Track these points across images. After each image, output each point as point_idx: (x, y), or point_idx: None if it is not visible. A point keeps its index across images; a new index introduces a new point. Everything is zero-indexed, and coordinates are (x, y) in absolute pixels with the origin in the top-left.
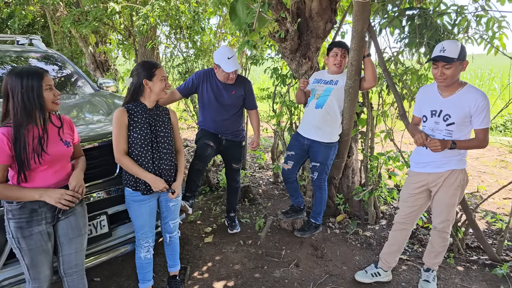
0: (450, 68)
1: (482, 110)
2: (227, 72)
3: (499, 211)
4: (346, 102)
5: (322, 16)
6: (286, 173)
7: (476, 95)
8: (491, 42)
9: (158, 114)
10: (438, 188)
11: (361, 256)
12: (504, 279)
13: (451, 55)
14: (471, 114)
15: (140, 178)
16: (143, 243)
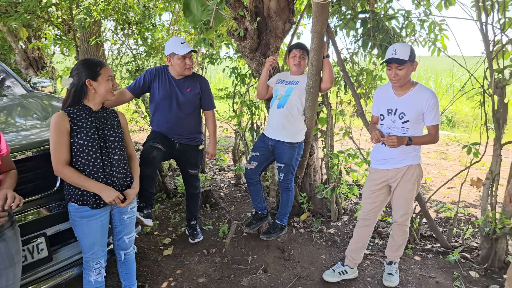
0: (402, 69)
1: (432, 108)
2: (182, 56)
3: (445, 200)
4: (308, 102)
5: (280, 16)
6: (249, 173)
7: (427, 94)
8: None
9: (105, 117)
10: (397, 183)
11: (327, 254)
12: (456, 265)
13: (403, 57)
14: (423, 111)
15: (88, 190)
16: (93, 264)
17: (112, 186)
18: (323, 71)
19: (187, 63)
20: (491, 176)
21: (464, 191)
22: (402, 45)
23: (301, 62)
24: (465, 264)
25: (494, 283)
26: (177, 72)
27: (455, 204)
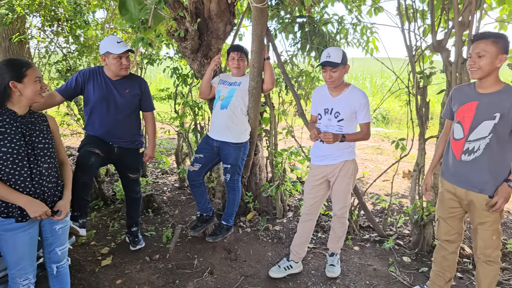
0: (336, 71)
1: (364, 106)
2: (118, 56)
3: (381, 192)
4: (251, 102)
5: (221, 17)
6: (192, 175)
7: (359, 94)
8: (366, 46)
9: (32, 121)
10: (335, 178)
11: (273, 251)
12: (391, 252)
13: (336, 60)
14: (356, 110)
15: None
16: (20, 281)
17: (43, 197)
18: (264, 73)
19: (123, 63)
20: (418, 168)
21: (397, 183)
22: (335, 49)
23: (240, 64)
24: (399, 250)
25: (423, 265)
26: (112, 72)
27: (389, 196)
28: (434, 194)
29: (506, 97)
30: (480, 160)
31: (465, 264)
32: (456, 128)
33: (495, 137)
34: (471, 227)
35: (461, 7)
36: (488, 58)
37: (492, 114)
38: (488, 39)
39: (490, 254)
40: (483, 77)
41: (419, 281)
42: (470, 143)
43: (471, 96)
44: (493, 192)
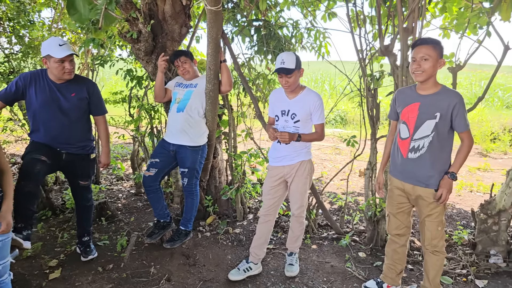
0: (291, 76)
1: (318, 108)
2: (60, 60)
3: (338, 191)
4: (208, 105)
5: (176, 19)
6: (148, 180)
7: (314, 96)
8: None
9: None
10: (292, 178)
11: (233, 254)
12: (347, 248)
13: (290, 66)
14: (311, 112)
15: None
16: None
17: None
18: (221, 75)
19: (66, 67)
20: (370, 166)
21: (354, 182)
22: (288, 55)
23: (186, 68)
24: (355, 246)
25: (378, 259)
26: (55, 76)
27: (345, 194)
28: (386, 191)
29: (443, 98)
30: (424, 157)
31: (415, 256)
32: (402, 128)
33: (436, 135)
34: (419, 221)
35: (405, 14)
36: (431, 61)
37: (433, 114)
38: (430, 44)
39: (437, 244)
40: (426, 79)
41: (374, 275)
42: (415, 141)
43: (413, 97)
44: (437, 186)
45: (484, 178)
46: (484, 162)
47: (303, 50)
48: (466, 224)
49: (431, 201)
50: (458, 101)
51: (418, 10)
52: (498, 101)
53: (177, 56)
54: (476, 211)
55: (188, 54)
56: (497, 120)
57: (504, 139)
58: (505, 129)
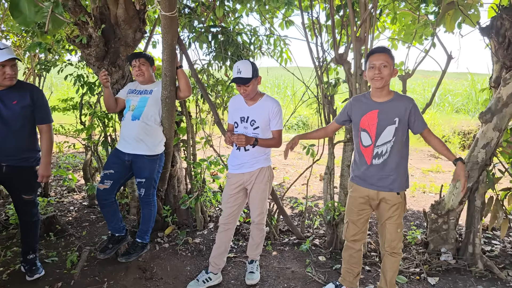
0: (249, 85)
1: (276, 114)
2: (0, 64)
3: (300, 196)
4: (164, 112)
5: (130, 24)
6: (102, 194)
7: (272, 103)
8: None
9: None
10: (252, 185)
11: (192, 265)
12: (308, 253)
13: (247, 75)
14: (270, 118)
15: None
16: None
17: None
18: (178, 81)
19: (6, 72)
20: (329, 171)
21: (316, 186)
22: (244, 64)
23: (143, 69)
24: (315, 250)
25: (337, 263)
26: None
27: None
28: (343, 194)
29: (399, 103)
30: (388, 161)
31: (372, 257)
32: (364, 136)
33: (397, 139)
34: (378, 225)
35: (358, 24)
36: (389, 68)
37: (392, 119)
38: (387, 53)
39: (395, 246)
40: (383, 86)
41: (333, 278)
42: (378, 147)
43: (370, 105)
44: (399, 189)
45: (436, 179)
46: (436, 164)
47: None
48: (419, 224)
49: (392, 204)
50: (413, 105)
51: (370, 21)
52: (449, 106)
53: (137, 56)
54: (427, 212)
55: (150, 58)
56: (447, 123)
57: (454, 142)
58: (455, 132)
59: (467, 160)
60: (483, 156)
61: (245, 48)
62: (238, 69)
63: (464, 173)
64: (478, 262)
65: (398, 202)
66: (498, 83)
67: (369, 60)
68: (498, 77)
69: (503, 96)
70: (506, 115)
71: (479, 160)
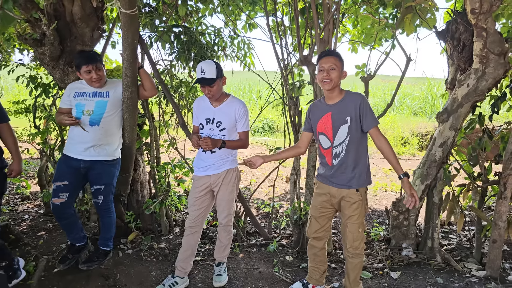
0: (214, 86)
1: (243, 116)
2: None
3: (267, 197)
4: (126, 114)
5: (87, 22)
6: (59, 208)
7: (238, 104)
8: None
9: None
10: (219, 187)
11: (157, 270)
12: (275, 253)
13: (211, 76)
14: (236, 119)
15: None
16: None
17: None
18: (142, 81)
19: None
20: (295, 172)
21: (282, 187)
22: (208, 64)
23: (101, 75)
24: (282, 250)
25: (304, 261)
26: None
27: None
28: (309, 194)
29: (349, 102)
30: (344, 160)
31: (338, 255)
32: (322, 139)
33: (351, 137)
34: (341, 225)
35: (321, 27)
36: (337, 71)
37: (344, 119)
38: (335, 56)
39: (358, 246)
40: (333, 88)
41: (301, 277)
42: (335, 148)
43: (324, 109)
44: (358, 186)
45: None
46: None
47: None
48: (382, 222)
49: (353, 202)
50: (361, 101)
51: (333, 23)
52: (407, 109)
53: (91, 62)
54: (389, 209)
55: (101, 60)
56: (406, 126)
57: (412, 143)
58: (413, 134)
59: (426, 159)
60: (440, 154)
61: (209, 49)
62: (202, 69)
63: (411, 187)
64: (436, 255)
65: (358, 200)
66: (454, 84)
67: (319, 63)
68: (453, 78)
69: (458, 97)
70: (461, 115)
71: (437, 158)
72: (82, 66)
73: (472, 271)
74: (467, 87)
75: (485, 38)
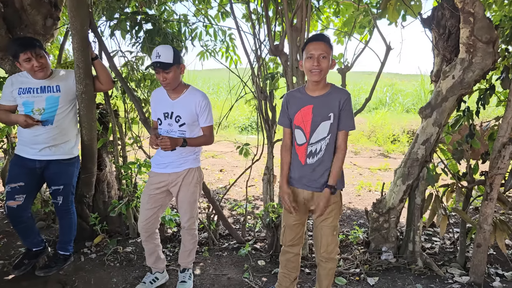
0: (169, 72)
1: (205, 109)
2: None
3: (242, 197)
4: (82, 110)
5: (38, 9)
6: (16, 211)
7: (198, 96)
8: (228, 55)
9: None
10: (178, 187)
11: (119, 276)
12: (247, 257)
13: (167, 60)
14: (197, 113)
15: None
16: None
17: None
18: (98, 74)
19: None
20: (268, 171)
21: (260, 187)
22: (165, 48)
23: (43, 62)
24: (255, 255)
25: (277, 266)
26: None
27: (246, 201)
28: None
29: (334, 97)
30: (322, 160)
31: (313, 259)
32: (297, 133)
33: (333, 136)
34: (314, 228)
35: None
36: (328, 60)
37: (327, 115)
38: (326, 42)
39: (332, 250)
40: (322, 79)
41: (272, 283)
42: (312, 145)
43: (304, 100)
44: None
45: (384, 178)
46: (385, 163)
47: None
48: (362, 224)
49: (327, 205)
50: (346, 98)
51: (306, 7)
52: (399, 106)
53: (29, 48)
54: (369, 210)
55: (43, 47)
56: (397, 123)
57: (402, 140)
58: (404, 131)
59: (407, 157)
60: (423, 152)
61: (176, 39)
62: (157, 53)
63: (325, 203)
64: (417, 259)
65: (334, 202)
66: (439, 76)
67: (306, 49)
68: (439, 70)
69: (443, 90)
70: (445, 110)
71: (419, 156)
72: (20, 55)
73: (454, 276)
74: (452, 79)
75: (472, 24)
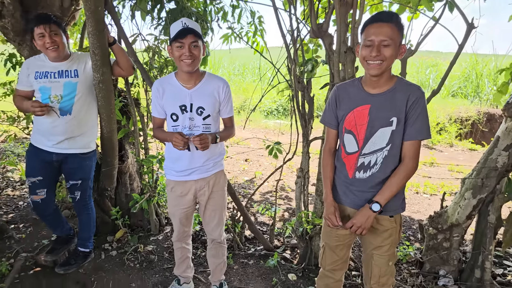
0: (197, 46)
1: (229, 97)
2: None
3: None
4: (99, 100)
5: None
6: (40, 205)
7: (220, 82)
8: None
9: None
10: (207, 196)
11: (138, 280)
12: (276, 269)
13: (197, 29)
14: (220, 102)
15: None
16: None
17: None
18: (116, 58)
19: None
20: (302, 174)
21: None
22: (191, 21)
23: (57, 40)
24: (285, 266)
25: (310, 283)
26: None
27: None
28: (320, 203)
29: (400, 95)
30: (377, 176)
31: (353, 278)
32: (347, 139)
33: (393, 147)
34: (363, 254)
35: None
36: (393, 48)
37: (388, 119)
38: (393, 23)
39: (385, 282)
40: (382, 72)
41: None
42: (365, 157)
43: (360, 98)
44: (394, 212)
45: (431, 174)
46: (430, 156)
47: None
48: (412, 236)
49: (383, 230)
50: (418, 97)
51: None
52: (444, 89)
53: (44, 22)
54: (424, 224)
55: (61, 25)
56: (443, 109)
57: (450, 130)
58: (451, 119)
59: (482, 165)
60: (504, 160)
61: (201, 19)
62: (184, 22)
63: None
64: None
65: (391, 227)
66: None
67: (365, 32)
68: None
69: None
70: None
71: (499, 165)
72: (34, 29)
73: None
74: None
75: None
